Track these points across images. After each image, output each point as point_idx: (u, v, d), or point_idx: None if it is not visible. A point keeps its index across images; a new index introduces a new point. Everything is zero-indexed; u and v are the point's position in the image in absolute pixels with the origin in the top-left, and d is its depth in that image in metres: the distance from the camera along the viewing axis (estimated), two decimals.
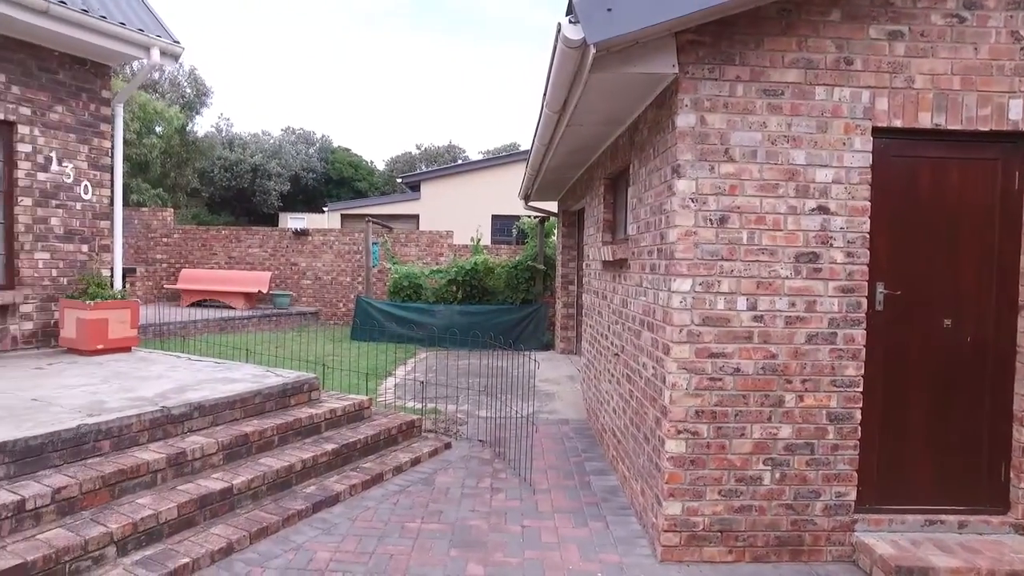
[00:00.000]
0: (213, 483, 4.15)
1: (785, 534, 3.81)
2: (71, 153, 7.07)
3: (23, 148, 6.69)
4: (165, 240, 14.60)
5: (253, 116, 55.71)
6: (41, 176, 6.83)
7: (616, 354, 5.32)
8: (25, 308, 6.75)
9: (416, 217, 20.46)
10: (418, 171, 28.19)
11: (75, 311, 6.64)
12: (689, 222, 3.65)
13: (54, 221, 6.96)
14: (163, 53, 7.11)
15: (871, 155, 3.69)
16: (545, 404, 7.52)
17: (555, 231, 12.02)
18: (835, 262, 3.73)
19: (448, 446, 5.89)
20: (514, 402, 6.66)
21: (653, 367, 4.02)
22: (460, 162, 30.74)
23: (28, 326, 6.78)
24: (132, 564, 3.45)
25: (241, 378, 5.61)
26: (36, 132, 6.78)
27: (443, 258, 14.22)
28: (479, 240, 13.26)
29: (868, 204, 3.70)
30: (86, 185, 7.22)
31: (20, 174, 6.69)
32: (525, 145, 26.68)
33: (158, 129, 19.67)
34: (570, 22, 3.34)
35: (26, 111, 6.69)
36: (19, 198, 6.69)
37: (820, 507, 3.81)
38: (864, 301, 3.73)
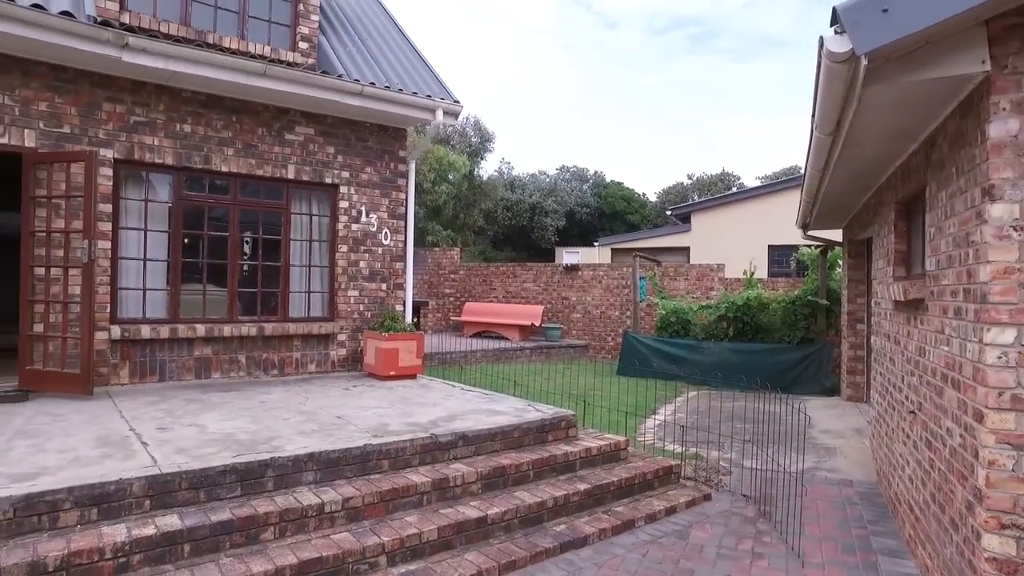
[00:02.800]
0: (470, 511, 4.40)
1: None
2: (375, 206, 8.31)
3: (342, 205, 8.06)
4: (452, 276, 16.41)
5: (531, 158, 60.29)
6: (354, 227, 8.15)
7: (912, 412, 4.43)
8: (341, 337, 8.05)
9: (686, 249, 19.95)
10: (688, 202, 27.55)
11: (375, 341, 7.72)
12: (1009, 257, 2.88)
13: (362, 264, 8.22)
14: (446, 113, 8.03)
15: None
16: (825, 460, 6.60)
17: (839, 262, 10.66)
18: None
19: (707, 497, 5.47)
20: (787, 454, 5.96)
21: (960, 435, 3.24)
22: (733, 190, 29.27)
23: (342, 352, 8.07)
24: None
25: (504, 411, 5.93)
26: (352, 191, 8.12)
27: (713, 292, 13.57)
28: (752, 273, 12.37)
29: None
30: (386, 232, 8.42)
31: (340, 226, 8.06)
32: None
33: (450, 177, 22.35)
34: (835, 32, 2.91)
35: (345, 175, 8.06)
36: (338, 246, 8.05)
37: None
38: None
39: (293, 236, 7.83)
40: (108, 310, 6.51)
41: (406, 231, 8.64)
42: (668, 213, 25.68)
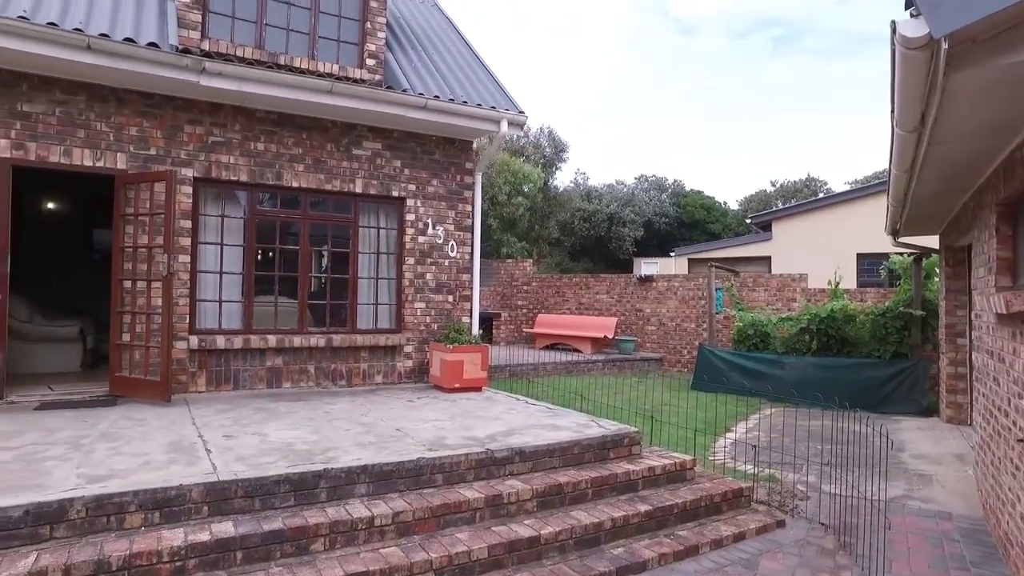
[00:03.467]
0: (523, 529, 4.27)
1: None
2: (442, 218, 8.36)
3: (409, 217, 8.16)
4: (525, 288, 16.36)
5: (608, 168, 59.62)
6: (420, 239, 8.22)
7: (1020, 440, 3.96)
8: (407, 349, 8.12)
9: (767, 259, 19.08)
10: (768, 209, 26.43)
11: (440, 353, 7.73)
12: None
13: (428, 276, 8.28)
14: (510, 123, 7.99)
15: None
16: (918, 488, 6.04)
17: (936, 271, 9.85)
18: None
19: (781, 524, 5.10)
20: (874, 480, 5.48)
21: None
22: (819, 196, 27.88)
23: (408, 364, 8.14)
24: None
25: (565, 426, 5.77)
26: (418, 203, 8.20)
27: (795, 304, 12.87)
28: (838, 283, 11.63)
29: None
30: (452, 244, 8.45)
31: (407, 239, 8.15)
32: None
33: (525, 188, 22.37)
34: (910, 15, 2.64)
35: (412, 187, 8.15)
36: (405, 258, 8.14)
37: None
38: None
39: (361, 249, 7.98)
40: (187, 321, 6.82)
41: (472, 243, 8.65)
42: (748, 221, 24.68)
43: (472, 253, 8.66)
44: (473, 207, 8.65)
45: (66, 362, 7.79)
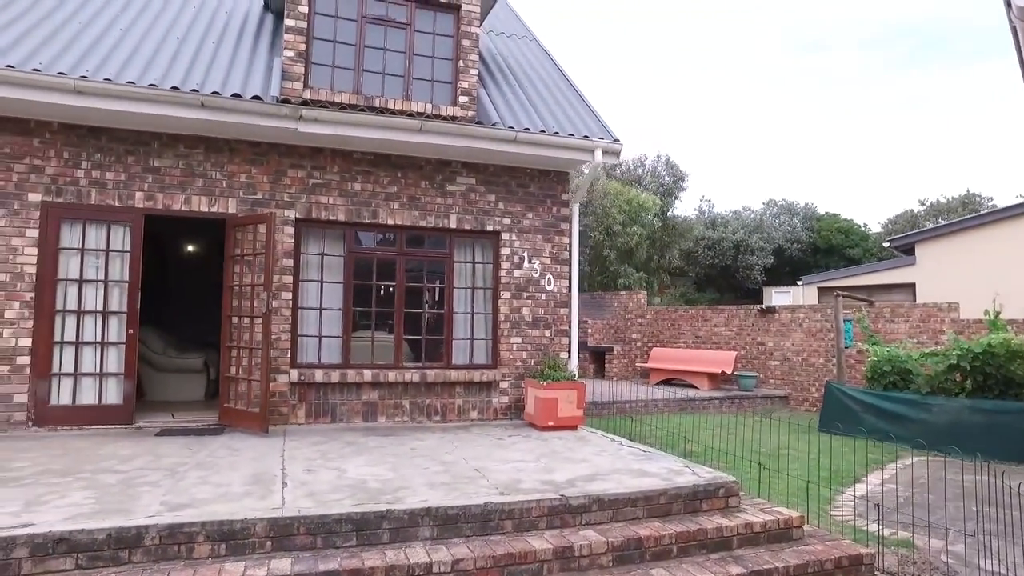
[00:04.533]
0: None
1: None
2: (538, 251, 8.23)
3: (504, 251, 8.10)
4: (639, 321, 15.79)
5: (733, 194, 56.98)
6: (516, 273, 8.12)
7: None
8: (503, 384, 7.99)
9: (910, 286, 17.14)
10: (911, 231, 23.90)
11: (534, 390, 7.53)
12: None
13: (525, 310, 8.14)
14: (605, 152, 7.76)
15: None
16: None
17: None
18: None
19: None
20: None
21: None
22: (976, 213, 24.89)
23: (504, 400, 7.99)
24: None
25: (654, 472, 5.33)
26: (513, 237, 8.13)
27: (943, 337, 11.36)
28: (998, 313, 10.12)
29: None
30: (549, 278, 8.27)
31: (502, 273, 8.08)
32: None
33: (643, 218, 21.84)
34: None
35: (507, 221, 8.11)
36: (501, 292, 8.07)
37: None
38: None
39: (456, 284, 8.01)
40: (289, 355, 7.13)
41: (570, 276, 8.42)
42: (886, 245, 22.41)
43: (570, 286, 8.43)
44: (571, 239, 8.44)
45: (192, 391, 8.42)
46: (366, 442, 6.32)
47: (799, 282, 20.95)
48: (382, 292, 7.71)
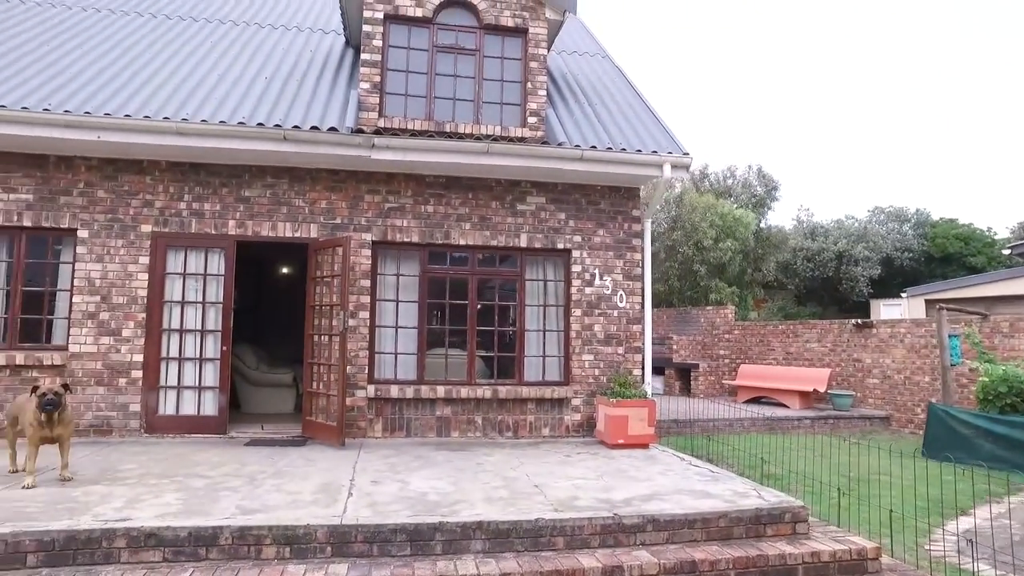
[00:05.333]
0: None
1: None
2: (609, 268, 8.21)
3: (575, 269, 8.15)
4: (727, 336, 15.26)
5: (834, 202, 53.69)
6: (587, 290, 8.15)
7: None
8: (575, 402, 8.00)
9: None
10: None
11: (604, 407, 7.50)
12: None
13: (597, 327, 8.13)
14: (674, 166, 7.67)
15: None
16: None
17: None
18: None
19: None
20: None
21: None
22: None
23: (576, 417, 8.00)
24: None
25: (718, 493, 5.19)
26: (584, 254, 8.17)
27: None
28: None
29: None
30: (621, 294, 8.23)
31: (573, 290, 8.13)
32: None
33: (736, 232, 21.15)
34: None
35: (577, 239, 8.16)
36: (572, 309, 8.11)
37: None
38: None
39: (528, 302, 8.13)
40: (367, 372, 7.49)
41: (643, 292, 8.34)
42: (1005, 252, 20.42)
43: (643, 303, 8.35)
44: (643, 256, 8.37)
45: (282, 404, 8.99)
46: (435, 456, 6.53)
47: (903, 294, 19.49)
48: (455, 310, 7.95)
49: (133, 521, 4.12)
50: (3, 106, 6.58)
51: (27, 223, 7.03)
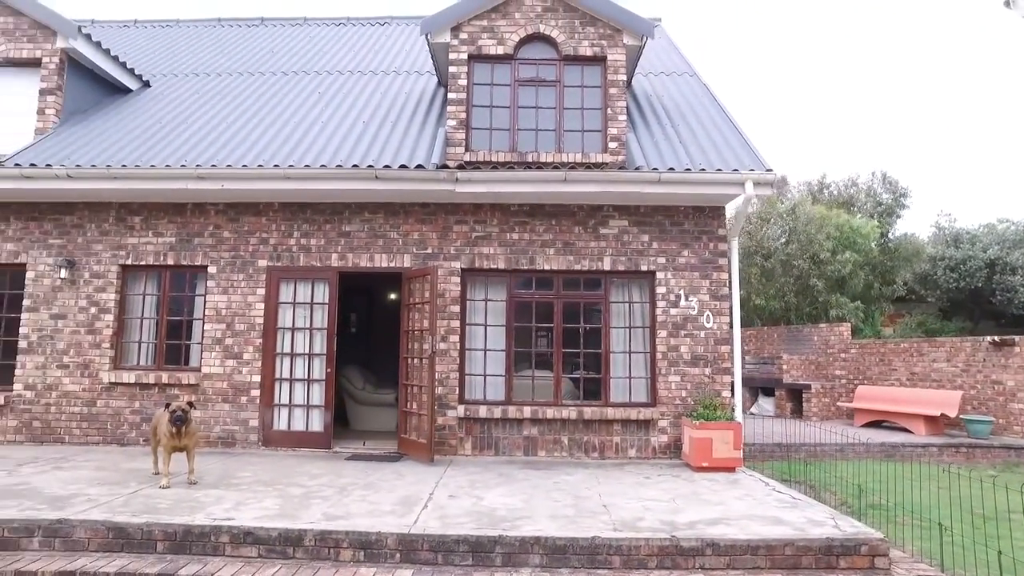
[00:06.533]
0: None
1: None
2: (694, 289, 8.16)
3: (660, 290, 8.17)
4: (842, 356, 14.30)
5: (981, 206, 48.14)
6: (672, 311, 8.13)
7: None
8: (662, 423, 7.98)
9: None
10: None
11: (688, 429, 7.44)
12: None
13: (683, 348, 8.09)
14: (756, 184, 7.54)
15: None
16: None
17: None
18: None
19: None
20: None
21: None
22: None
23: (663, 439, 7.97)
24: None
25: (791, 520, 5.06)
26: (669, 276, 8.18)
27: None
28: None
29: None
30: (708, 315, 8.14)
31: (658, 311, 8.15)
32: None
33: (857, 243, 19.82)
34: None
35: (661, 260, 8.19)
36: (658, 331, 8.13)
37: None
38: None
39: (613, 324, 8.24)
40: (457, 392, 7.92)
41: (731, 312, 8.20)
42: None
43: (731, 323, 8.20)
44: (730, 275, 8.24)
45: (386, 423, 9.64)
46: (516, 474, 6.79)
47: None
48: (541, 333, 8.21)
49: (235, 521, 4.73)
50: (153, 165, 7.76)
51: (170, 262, 8.18)
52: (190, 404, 5.91)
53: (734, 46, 69.60)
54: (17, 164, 7.92)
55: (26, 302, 8.27)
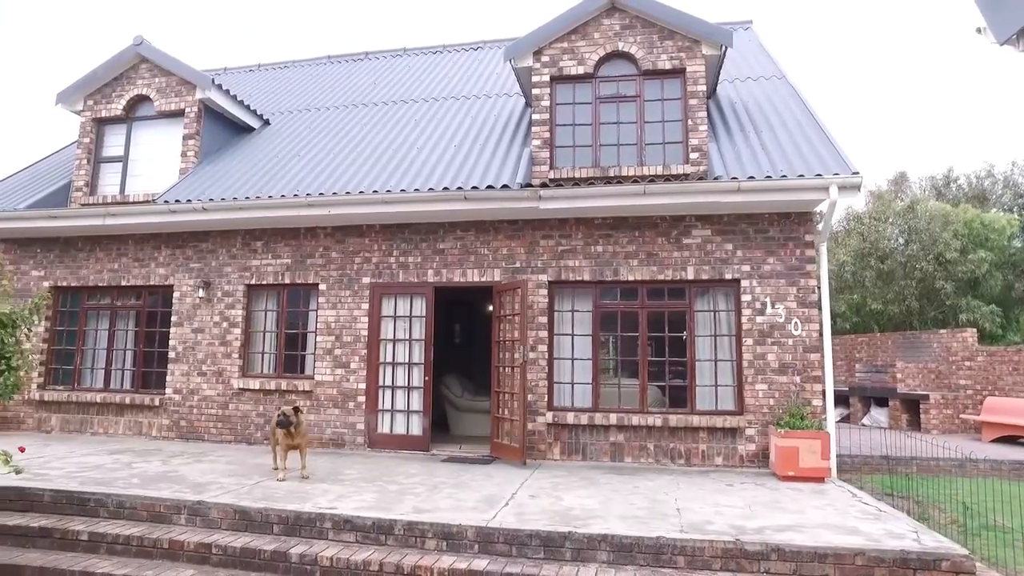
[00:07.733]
0: None
1: None
2: (781, 296, 8.07)
3: (745, 298, 8.16)
4: (967, 364, 13.23)
5: None
6: (758, 319, 8.09)
7: None
8: (749, 432, 7.95)
9: None
10: None
11: (774, 438, 7.39)
12: None
13: (770, 356, 8.02)
14: (841, 188, 7.40)
15: None
16: None
17: None
18: None
19: None
20: None
21: None
22: None
23: (751, 447, 7.93)
24: None
25: (868, 531, 5.01)
26: (754, 283, 8.15)
27: None
28: None
29: None
30: (796, 322, 8.02)
31: (743, 319, 8.14)
32: None
33: (990, 240, 18.23)
34: None
35: (746, 268, 8.18)
36: (744, 339, 8.11)
37: None
38: None
39: (697, 332, 8.30)
40: (546, 399, 8.29)
41: (820, 320, 8.02)
42: None
43: (821, 331, 8.02)
44: (819, 282, 8.07)
45: (483, 428, 10.15)
46: (599, 478, 7.06)
47: None
48: (626, 342, 8.42)
49: (337, 510, 5.37)
50: (270, 196, 8.79)
51: (287, 280, 9.18)
52: (295, 409, 6.69)
53: (851, 40, 65.42)
54: (165, 201, 9.23)
55: (173, 318, 9.57)
